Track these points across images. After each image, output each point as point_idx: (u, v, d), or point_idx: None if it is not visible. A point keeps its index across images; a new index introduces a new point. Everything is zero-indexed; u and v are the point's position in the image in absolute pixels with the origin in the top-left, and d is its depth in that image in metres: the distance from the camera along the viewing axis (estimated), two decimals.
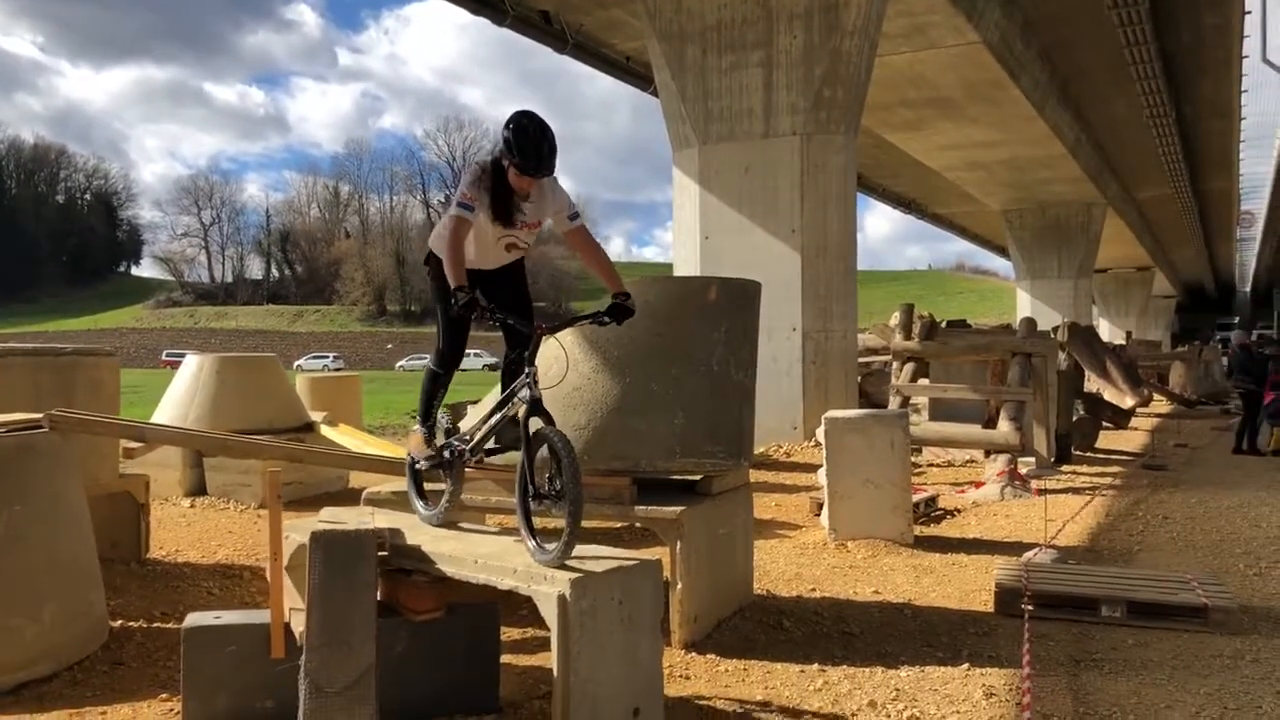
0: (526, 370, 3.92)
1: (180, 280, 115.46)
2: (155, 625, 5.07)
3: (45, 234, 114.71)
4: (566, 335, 5.27)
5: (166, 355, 66.16)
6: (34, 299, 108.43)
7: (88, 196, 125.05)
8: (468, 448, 4.28)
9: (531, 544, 3.74)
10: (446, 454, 4.38)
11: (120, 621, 5.04)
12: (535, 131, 3.97)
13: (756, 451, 11.89)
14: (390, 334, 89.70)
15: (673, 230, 14.80)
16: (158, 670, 4.44)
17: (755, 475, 10.28)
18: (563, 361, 4.51)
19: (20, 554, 4.30)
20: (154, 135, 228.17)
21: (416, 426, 4.55)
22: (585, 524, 6.39)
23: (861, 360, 15.74)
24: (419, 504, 4.56)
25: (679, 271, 14.30)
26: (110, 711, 3.94)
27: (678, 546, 4.71)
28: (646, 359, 5.00)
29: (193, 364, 9.84)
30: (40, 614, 4.31)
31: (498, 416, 4.13)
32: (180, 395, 9.57)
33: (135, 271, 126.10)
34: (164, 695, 4.08)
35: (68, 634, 4.45)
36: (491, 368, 49.27)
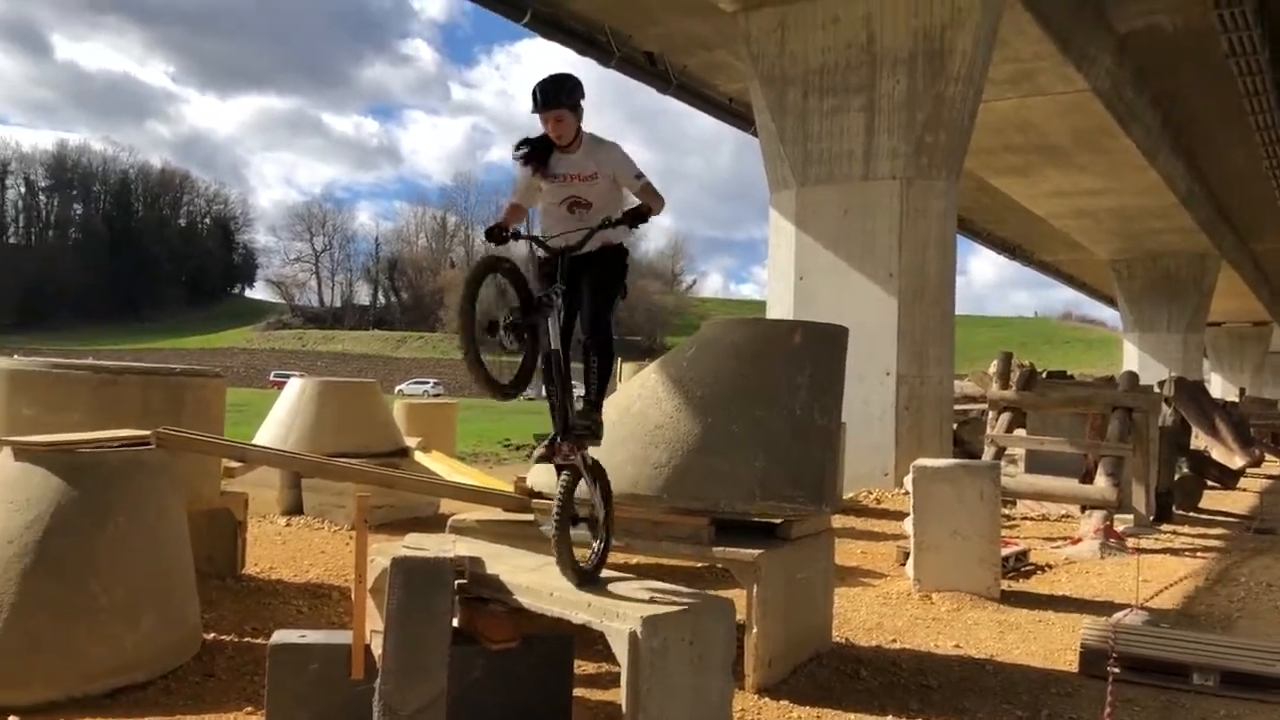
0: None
1: (291, 304, 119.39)
2: (245, 640, 5.25)
3: (167, 255, 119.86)
4: (650, 373, 5.34)
5: (274, 376, 68.11)
6: (155, 318, 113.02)
7: (208, 220, 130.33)
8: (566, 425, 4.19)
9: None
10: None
11: (213, 634, 5.22)
12: (543, 79, 4.21)
13: (846, 497, 11.78)
14: (490, 362, 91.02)
15: (768, 270, 14.83)
16: (245, 684, 4.58)
17: (843, 521, 10.20)
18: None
19: (123, 565, 4.51)
20: (273, 163, 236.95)
21: None
22: (665, 562, 6.47)
23: (958, 408, 15.48)
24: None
25: (773, 311, 14.30)
26: None
27: (754, 589, 4.71)
28: (729, 400, 5.03)
29: (295, 387, 10.18)
30: (139, 623, 4.50)
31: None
32: (282, 417, 9.90)
33: (249, 294, 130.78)
34: (249, 709, 4.23)
35: (163, 644, 4.63)
36: None
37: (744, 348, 5.11)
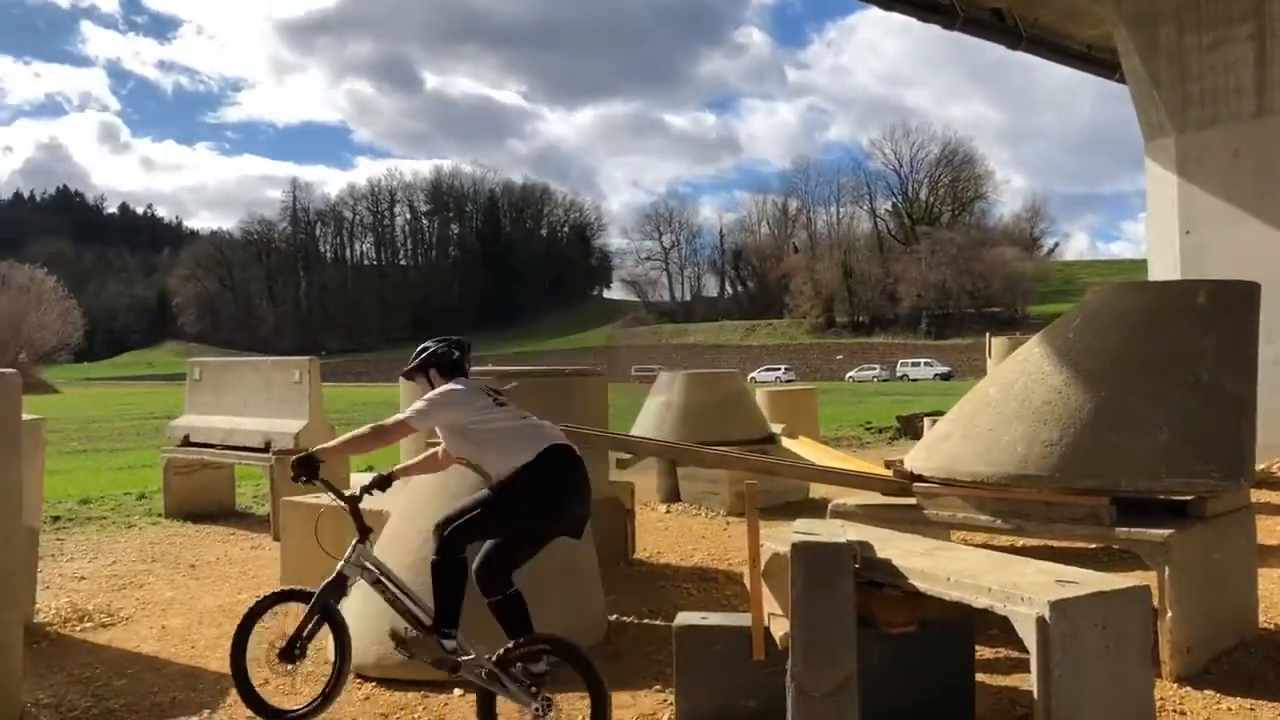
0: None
1: (644, 301, 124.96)
2: (644, 621, 5.56)
3: (532, 264, 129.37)
4: (1033, 347, 5.10)
5: (635, 371, 71.29)
6: (524, 323, 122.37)
7: (566, 229, 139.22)
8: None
9: None
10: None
11: (615, 616, 5.58)
12: None
13: (1258, 468, 10.63)
14: (839, 345, 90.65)
15: (1145, 225, 13.68)
16: (648, 663, 4.86)
17: (1258, 495, 9.21)
18: None
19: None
20: (620, 167, 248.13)
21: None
22: (1058, 544, 6.15)
23: None
24: None
25: (1154, 270, 13.18)
26: (614, 698, 4.38)
27: (1166, 572, 4.39)
28: (1123, 371, 4.72)
29: (664, 380, 10.64)
30: (551, 607, 4.89)
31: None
32: (655, 409, 10.38)
33: (606, 294, 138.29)
34: (657, 686, 4.48)
35: (575, 625, 4.99)
36: (943, 377, 47.67)
37: (1138, 313, 4.76)
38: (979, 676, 4.24)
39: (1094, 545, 6.38)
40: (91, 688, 4.74)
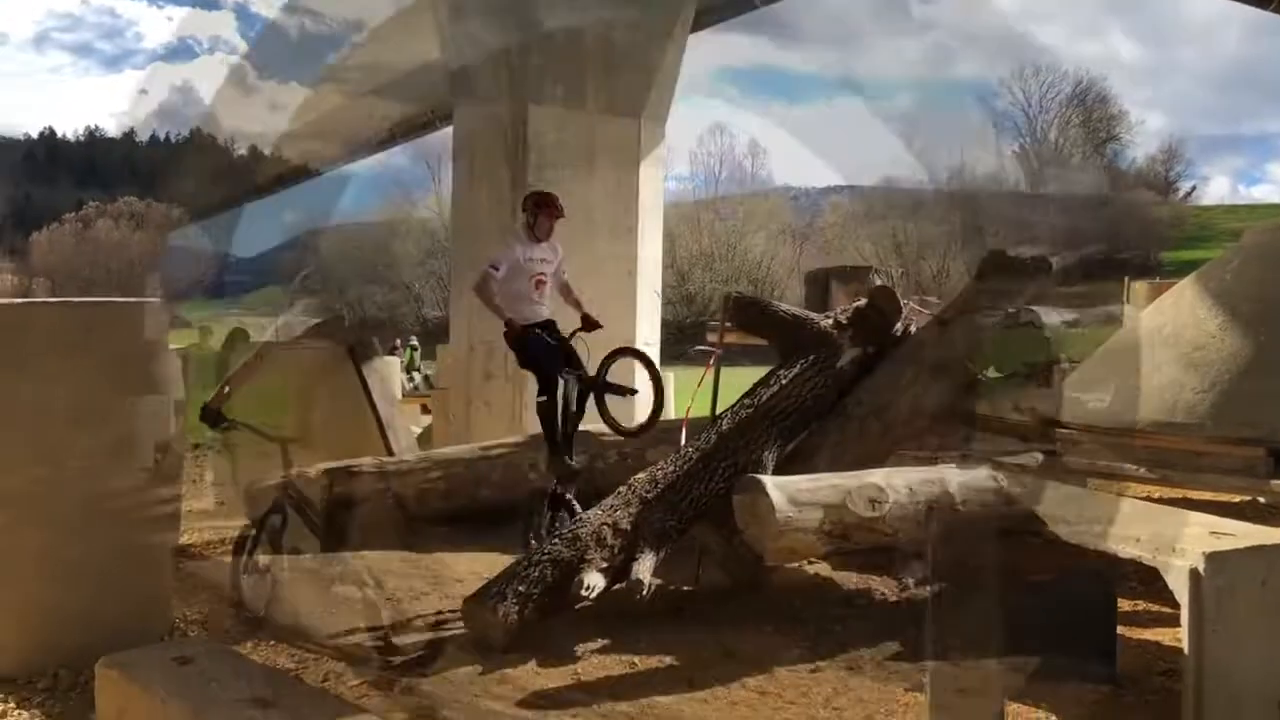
0: None
1: None
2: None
3: None
4: (1185, 290, 4.84)
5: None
6: None
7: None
8: None
9: None
10: None
11: None
12: None
13: None
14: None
15: None
16: (760, 603, 4.82)
17: None
18: None
19: None
20: (734, 107, 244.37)
21: None
22: (1196, 497, 5.89)
23: None
24: None
25: None
26: (732, 635, 4.37)
27: None
28: None
29: None
30: None
31: None
32: None
33: None
34: (769, 629, 4.44)
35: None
36: (1069, 323, 45.88)
37: None
38: (1119, 628, 4.09)
39: (1238, 499, 6.12)
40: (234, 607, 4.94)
